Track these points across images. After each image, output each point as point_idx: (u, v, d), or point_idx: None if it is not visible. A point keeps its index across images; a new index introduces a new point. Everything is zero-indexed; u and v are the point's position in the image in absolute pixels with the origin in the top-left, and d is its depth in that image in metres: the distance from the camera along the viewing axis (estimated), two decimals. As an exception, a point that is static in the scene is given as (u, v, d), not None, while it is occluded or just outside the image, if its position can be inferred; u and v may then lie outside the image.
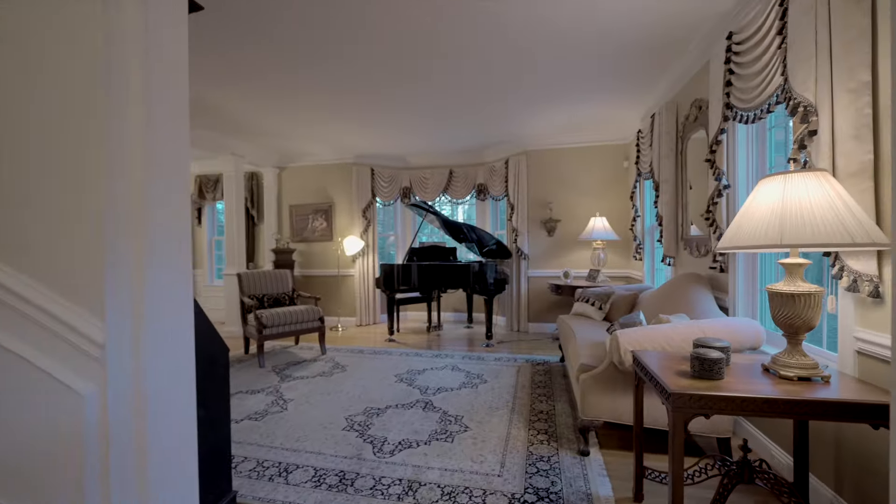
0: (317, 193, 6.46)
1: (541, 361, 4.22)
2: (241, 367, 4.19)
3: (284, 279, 4.98)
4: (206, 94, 4.08)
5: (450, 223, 5.41)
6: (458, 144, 6.01)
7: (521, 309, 5.70)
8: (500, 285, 4.98)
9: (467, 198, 6.47)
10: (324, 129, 5.17)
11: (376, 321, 6.45)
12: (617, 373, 2.29)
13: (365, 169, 6.30)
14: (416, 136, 5.59)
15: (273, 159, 6.46)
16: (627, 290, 3.92)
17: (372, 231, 6.37)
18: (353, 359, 4.42)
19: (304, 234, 6.51)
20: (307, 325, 4.53)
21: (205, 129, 5.10)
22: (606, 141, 5.38)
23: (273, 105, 4.30)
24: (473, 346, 5.00)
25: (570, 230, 5.52)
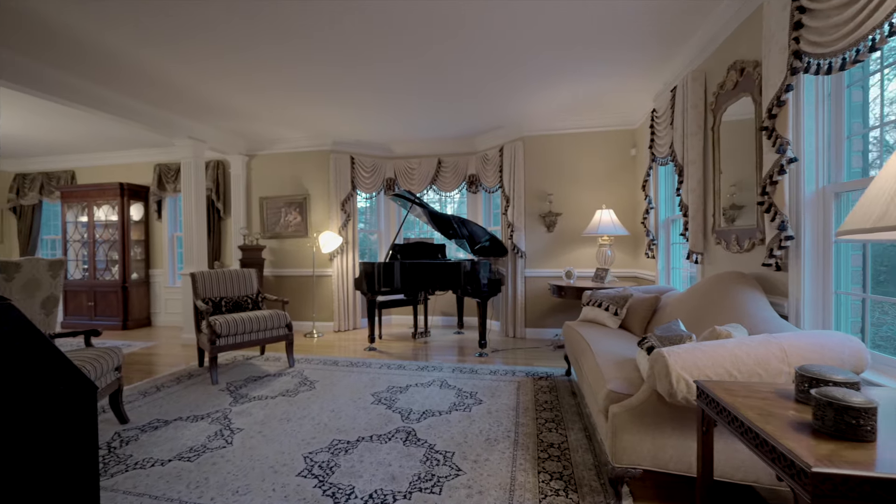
0: (290, 184, 5.80)
1: (543, 375, 3.64)
2: (190, 383, 3.52)
3: (248, 280, 4.32)
4: (149, 61, 3.41)
5: (438, 216, 4.81)
6: (448, 131, 5.41)
7: (517, 313, 5.12)
8: (495, 286, 4.39)
9: (457, 190, 5.88)
10: (297, 110, 4.52)
11: (356, 326, 5.81)
12: (661, 405, 1.71)
13: (344, 157, 5.67)
14: (402, 121, 4.98)
15: (240, 145, 5.77)
16: (645, 292, 3.36)
17: (352, 226, 5.74)
18: (324, 373, 3.78)
19: (276, 230, 5.84)
20: (272, 334, 3.89)
21: (153, 106, 4.41)
22: (612, 126, 4.84)
23: (234, 79, 3.65)
24: (465, 355, 4.40)
25: (571, 225, 4.96)
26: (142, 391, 3.36)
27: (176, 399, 3.17)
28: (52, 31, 3.05)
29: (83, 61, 3.46)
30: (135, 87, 3.90)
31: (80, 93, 3.83)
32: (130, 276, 6.04)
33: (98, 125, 5.09)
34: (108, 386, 2.60)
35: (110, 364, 2.55)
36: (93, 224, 6.08)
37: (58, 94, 3.69)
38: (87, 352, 2.53)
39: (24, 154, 6.46)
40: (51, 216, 6.94)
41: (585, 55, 3.35)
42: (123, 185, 5.92)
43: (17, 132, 5.33)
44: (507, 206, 5.16)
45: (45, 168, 6.69)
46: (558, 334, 4.97)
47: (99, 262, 6.08)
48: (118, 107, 4.15)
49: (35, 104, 4.35)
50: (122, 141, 5.83)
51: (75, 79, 3.72)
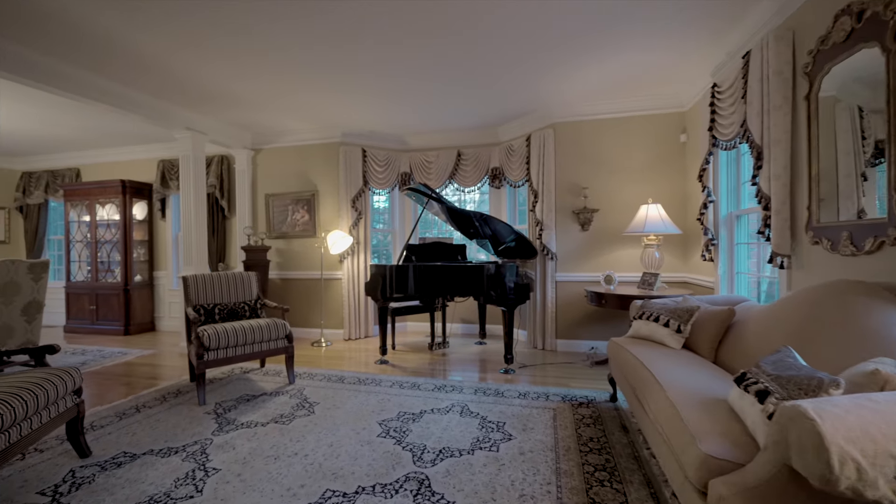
0: (298, 180, 5.37)
1: (583, 399, 3.06)
2: (175, 402, 3.09)
3: (246, 284, 3.88)
4: (143, 44, 3.00)
5: (457, 213, 4.28)
6: (468, 119, 4.88)
7: (546, 322, 4.54)
8: (523, 293, 3.83)
9: (479, 185, 5.33)
10: (303, 97, 4.07)
11: (369, 334, 5.33)
12: (800, 489, 1.13)
13: (355, 150, 5.20)
14: (417, 109, 4.47)
15: (245, 139, 5.38)
16: (711, 303, 2.75)
17: (364, 225, 5.26)
18: (327, 392, 3.30)
19: (283, 229, 5.42)
20: (270, 346, 3.43)
21: (148, 94, 4.03)
22: (657, 109, 4.20)
23: (233, 62, 3.21)
24: (488, 371, 3.85)
25: (610, 223, 4.35)
26: (119, 412, 2.94)
27: (153, 424, 2.73)
28: (44, 15, 2.70)
29: (77, 48, 3.11)
30: (128, 73, 3.51)
31: (71, 80, 3.49)
32: (133, 279, 5.73)
33: (98, 119, 4.77)
34: (61, 414, 2.17)
35: (61, 390, 2.12)
36: (95, 223, 5.80)
37: (50, 82, 3.38)
38: (33, 374, 2.10)
39: (30, 152, 6.25)
40: (57, 216, 6.73)
41: (628, 20, 2.76)
42: (125, 182, 5.62)
43: (19, 128, 5.07)
44: (536, 202, 4.59)
45: (50, 166, 6.47)
46: (594, 347, 4.37)
47: (101, 264, 5.79)
48: (111, 95, 3.79)
49: (33, 96, 4.06)
50: (125, 136, 5.52)
51: (67, 66, 3.36)
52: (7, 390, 1.89)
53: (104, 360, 4.37)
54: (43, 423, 2.02)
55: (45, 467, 2.21)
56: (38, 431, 2.00)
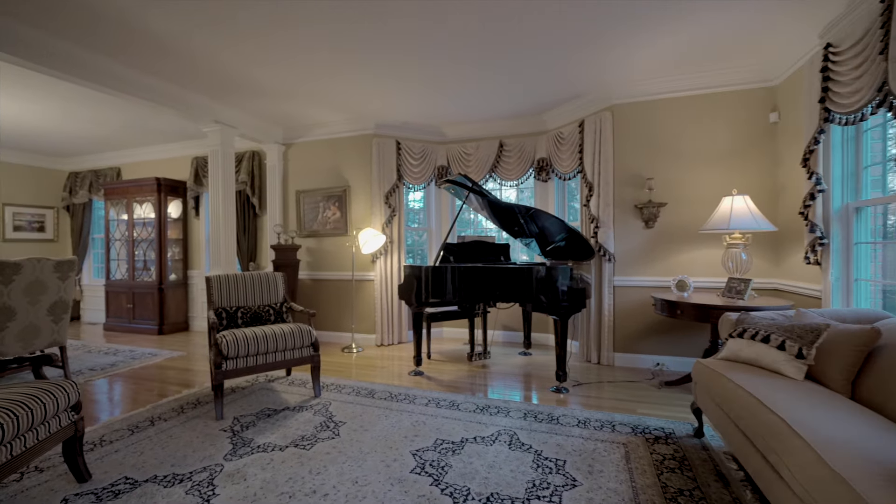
0: (329, 175, 5.09)
1: (660, 432, 2.51)
2: (192, 415, 2.81)
3: (272, 286, 3.59)
4: (161, 25, 2.76)
5: (500, 208, 3.81)
6: (511, 106, 4.39)
7: (602, 332, 3.98)
8: (579, 299, 3.30)
9: (523, 178, 4.83)
10: (332, 84, 3.75)
11: (402, 340, 4.96)
12: None
13: (389, 142, 4.84)
14: (454, 97, 4.04)
15: (276, 133, 5.16)
16: (836, 318, 2.14)
17: (398, 223, 4.89)
18: (355, 409, 2.92)
19: (314, 227, 5.15)
20: (294, 355, 3.10)
21: (175, 84, 3.83)
22: (740, 84, 3.55)
23: (259, 45, 2.92)
24: (537, 389, 3.35)
25: (681, 218, 3.73)
26: (133, 424, 2.70)
27: (164, 441, 2.45)
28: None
29: (94, 33, 2.90)
30: (150, 60, 3.30)
31: (88, 68, 3.31)
32: (168, 278, 5.67)
33: (134, 114, 4.68)
34: (56, 434, 1.90)
35: (51, 408, 1.84)
36: (132, 222, 5.78)
37: (71, 72, 3.20)
38: (21, 388, 1.83)
39: (77, 153, 6.36)
40: (100, 214, 6.83)
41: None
42: (160, 180, 5.55)
43: (66, 128, 5.09)
44: (590, 196, 4.03)
45: (94, 166, 6.57)
46: (660, 364, 3.76)
47: (137, 262, 5.77)
48: (139, 87, 3.62)
49: (78, 95, 4.05)
50: (161, 134, 5.45)
51: (83, 51, 3.18)
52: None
53: (133, 361, 4.24)
54: (28, 448, 1.74)
55: (38, 492, 1.95)
56: (25, 455, 1.73)
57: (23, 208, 6.41)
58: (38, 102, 4.25)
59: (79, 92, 3.98)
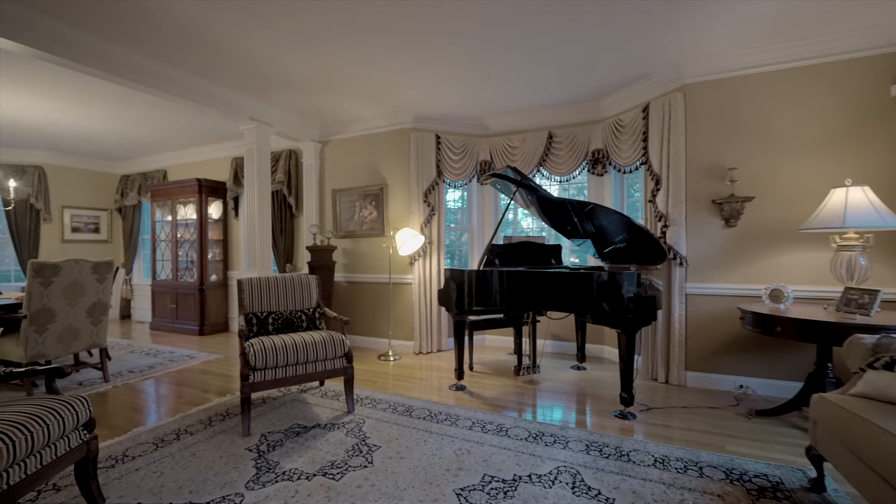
0: (366, 173, 4.85)
1: (762, 481, 2.01)
2: (218, 429, 2.61)
3: (305, 289, 3.37)
4: (187, 14, 2.60)
5: (551, 204, 3.39)
6: (564, 92, 3.95)
7: (672, 347, 3.45)
8: (648, 310, 2.81)
9: (575, 172, 4.36)
10: (368, 72, 3.48)
11: (442, 348, 4.63)
12: None
13: (427, 136, 4.53)
14: (501, 84, 3.67)
15: (313, 130, 4.99)
16: None
17: (437, 222, 4.57)
18: (391, 430, 2.61)
19: (350, 227, 4.94)
20: (325, 366, 2.84)
21: (207, 79, 3.71)
22: (853, 52, 2.93)
23: (291, 31, 2.69)
24: (597, 413, 2.90)
25: (773, 215, 3.15)
26: (159, 437, 2.53)
27: (187, 461, 2.24)
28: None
29: (123, 26, 2.77)
30: (182, 53, 3.17)
31: (121, 64, 3.22)
32: (208, 278, 5.66)
33: (176, 115, 4.66)
34: (63, 457, 1.71)
35: (56, 429, 1.65)
36: (175, 223, 5.84)
37: (114, 71, 3.15)
38: (26, 406, 1.65)
39: (127, 156, 6.55)
40: (148, 216, 7.00)
41: None
42: (201, 181, 5.55)
43: (115, 131, 5.19)
44: (657, 190, 3.52)
45: (143, 169, 6.75)
46: (745, 386, 3.19)
47: (181, 263, 5.82)
48: (173, 83, 3.52)
49: (122, 96, 4.03)
50: (202, 135, 5.45)
51: (109, 45, 3.10)
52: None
53: (171, 364, 4.18)
54: (28, 475, 1.55)
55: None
56: (23, 484, 1.54)
57: (80, 210, 6.68)
58: (89, 105, 4.30)
59: (125, 94, 3.97)
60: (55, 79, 3.67)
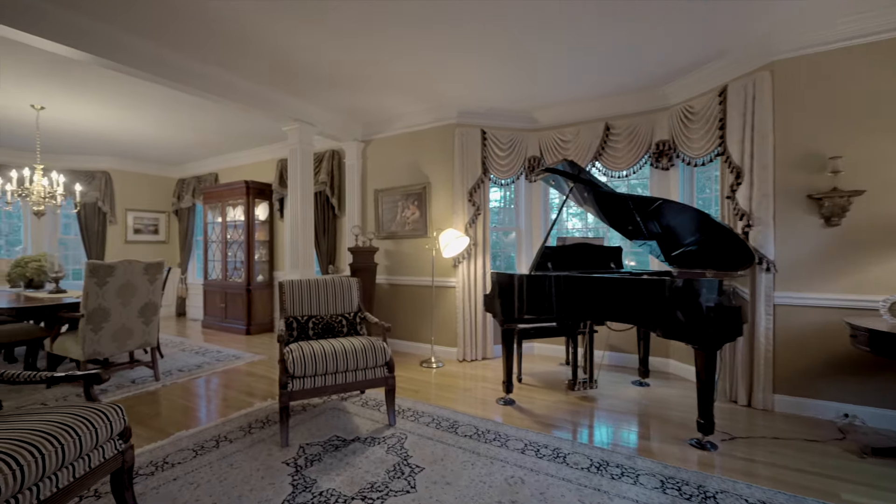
0: (408, 171, 4.69)
1: (901, 547, 1.59)
2: (256, 439, 2.52)
3: (346, 293, 3.24)
4: (230, 10, 2.53)
5: (612, 201, 3.04)
6: (623, 79, 3.58)
7: (756, 365, 2.99)
8: (732, 323, 2.41)
9: (636, 166, 3.95)
10: (411, 67, 3.30)
11: (486, 356, 4.37)
12: None
13: (473, 132, 4.30)
14: (552, 73, 3.38)
15: (356, 130, 4.90)
16: None
17: (482, 223, 4.32)
18: (435, 449, 2.40)
19: (392, 228, 4.80)
20: (366, 375, 2.68)
21: (248, 80, 3.69)
22: None
23: (336, 32, 2.57)
24: (668, 439, 2.53)
25: (890, 211, 2.63)
26: (199, 443, 2.46)
27: (224, 472, 2.15)
28: None
29: (168, 29, 2.77)
30: (225, 53, 3.14)
31: (173, 68, 3.25)
32: (255, 279, 5.75)
33: (222, 117, 4.74)
34: (97, 469, 1.64)
35: (88, 440, 1.57)
36: (225, 224, 5.99)
37: (158, 72, 3.19)
38: (60, 414, 1.58)
39: (182, 161, 6.83)
40: (202, 217, 7.28)
41: None
42: (248, 183, 5.64)
43: (168, 136, 5.39)
44: (737, 184, 3.08)
45: (196, 172, 7.01)
46: (850, 415, 2.69)
47: (230, 263, 5.95)
48: (219, 84, 3.53)
49: (174, 100, 4.12)
50: (250, 137, 5.54)
51: (162, 49, 3.12)
52: (19, 438, 1.36)
53: (217, 363, 4.22)
54: (60, 488, 1.47)
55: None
56: (58, 496, 1.46)
57: (141, 213, 7.05)
58: (145, 110, 4.44)
59: (176, 97, 4.05)
60: (117, 86, 3.79)
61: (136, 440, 2.54)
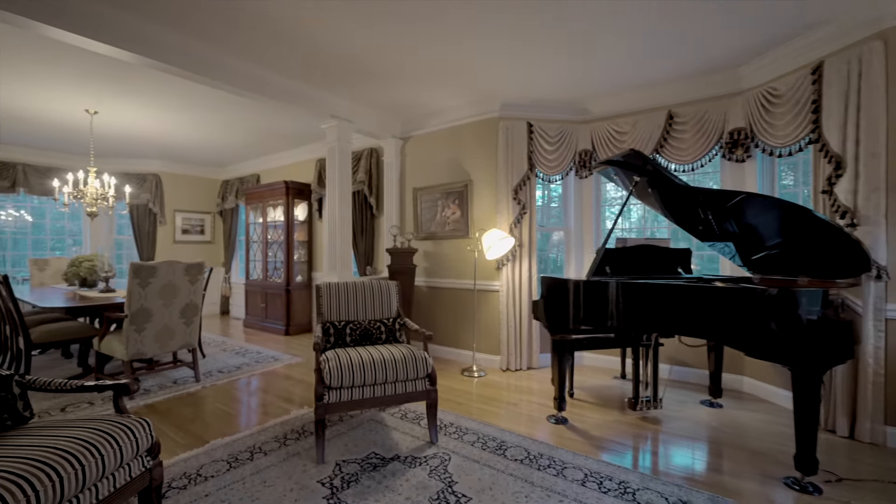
0: (448, 169, 4.47)
1: None
2: (291, 451, 2.37)
3: (385, 297, 3.06)
4: (277, 10, 2.41)
5: (681, 196, 2.67)
6: (688, 61, 3.18)
7: (862, 390, 2.52)
8: (838, 342, 1.99)
9: (705, 159, 3.53)
10: (451, 57, 3.07)
11: (532, 365, 4.07)
12: None
13: (518, 125, 4.01)
14: (607, 56, 3.04)
15: (394, 126, 4.74)
16: None
17: (528, 223, 4.03)
18: (483, 475, 2.15)
19: (431, 228, 4.59)
20: (406, 388, 2.47)
21: (286, 76, 3.59)
22: None
23: (375, 21, 2.40)
24: (758, 477, 2.15)
25: None
26: (232, 455, 2.35)
27: (257, 491, 2.00)
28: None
29: (220, 29, 2.70)
30: (257, 45, 3.05)
31: (215, 66, 3.20)
32: (294, 279, 5.73)
33: (261, 116, 4.71)
34: (127, 485, 1.52)
35: (114, 459, 1.44)
36: (266, 225, 6.02)
37: (200, 71, 3.15)
38: (85, 430, 1.47)
39: (226, 162, 6.97)
40: (244, 218, 7.40)
41: None
42: (288, 183, 5.63)
43: (210, 137, 5.47)
44: (837, 176, 2.62)
45: (239, 174, 7.13)
46: None
47: (270, 263, 5.98)
48: (252, 80, 3.45)
49: (213, 99, 4.10)
50: (290, 138, 5.52)
51: (205, 46, 3.06)
52: (37, 457, 1.25)
53: (257, 365, 4.18)
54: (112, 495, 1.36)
55: (111, 553, 1.59)
56: (75, 522, 1.34)
57: (189, 214, 7.26)
58: (190, 111, 4.48)
59: (218, 97, 4.03)
60: (166, 89, 3.81)
61: (172, 446, 2.48)
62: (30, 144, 5.76)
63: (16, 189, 5.80)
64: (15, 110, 4.37)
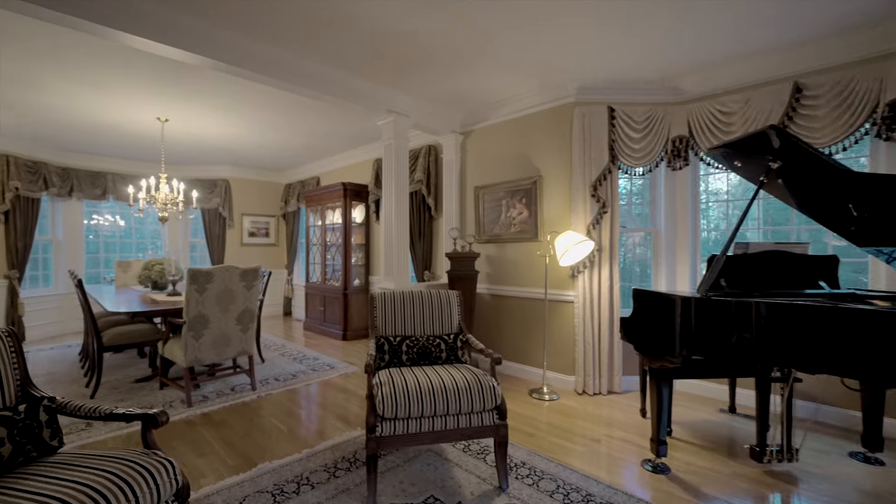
0: (514, 164, 4.02)
1: None
2: (341, 486, 2.08)
3: (445, 309, 2.71)
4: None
5: (831, 184, 2.02)
6: (817, 20, 2.47)
7: None
8: None
9: (847, 138, 2.76)
10: (518, 35, 2.64)
11: (613, 389, 3.50)
12: None
13: (597, 110, 3.47)
14: (706, 21, 2.41)
15: (454, 120, 4.39)
16: None
17: (609, 223, 3.47)
18: (569, 543, 1.70)
19: (495, 230, 4.18)
20: (470, 422, 2.09)
21: (342, 69, 3.36)
22: None
23: None
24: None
25: None
26: (278, 484, 2.11)
27: (299, 539, 1.72)
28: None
29: (277, 26, 2.54)
30: (308, 36, 2.83)
31: (274, 65, 3.05)
32: (351, 283, 5.60)
33: (321, 116, 4.59)
34: (142, 544, 1.28)
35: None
36: (324, 227, 5.96)
37: (256, 69, 3.03)
38: (97, 471, 1.24)
39: (288, 166, 7.07)
40: (304, 221, 7.48)
41: None
42: (346, 185, 5.50)
43: (274, 141, 5.50)
44: None
45: (300, 177, 7.20)
46: None
47: (328, 266, 5.91)
48: (309, 76, 3.27)
49: (271, 99, 4.03)
50: (347, 139, 5.40)
51: (263, 46, 2.91)
52: None
53: (312, 373, 4.04)
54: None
55: None
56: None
57: (255, 217, 7.48)
58: (250, 117, 4.47)
59: (279, 99, 3.96)
60: (227, 92, 3.77)
61: (221, 467, 2.30)
62: (115, 154, 6.18)
63: (106, 196, 6.25)
64: (97, 121, 4.61)
